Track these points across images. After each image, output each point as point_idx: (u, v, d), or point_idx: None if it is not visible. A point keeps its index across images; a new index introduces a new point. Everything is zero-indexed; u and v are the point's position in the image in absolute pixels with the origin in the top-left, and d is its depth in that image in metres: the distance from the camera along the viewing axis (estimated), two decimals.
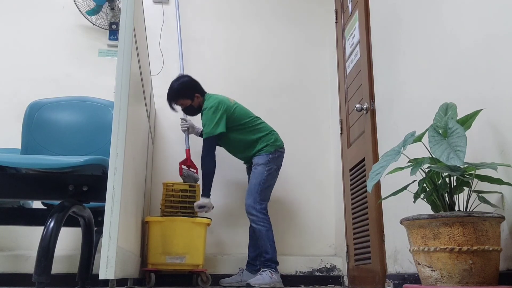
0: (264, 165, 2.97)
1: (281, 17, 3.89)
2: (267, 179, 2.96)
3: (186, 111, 3.16)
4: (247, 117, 3.06)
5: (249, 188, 2.98)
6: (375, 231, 2.47)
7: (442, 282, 1.25)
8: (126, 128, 1.54)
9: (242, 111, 3.08)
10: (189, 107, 3.10)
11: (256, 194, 2.92)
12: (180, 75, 3.17)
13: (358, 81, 2.86)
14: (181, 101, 3.07)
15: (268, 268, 2.85)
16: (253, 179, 2.98)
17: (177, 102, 3.08)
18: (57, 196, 1.76)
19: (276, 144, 3.04)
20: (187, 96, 3.06)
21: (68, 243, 3.02)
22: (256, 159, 3.01)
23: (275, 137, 3.08)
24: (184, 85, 3.07)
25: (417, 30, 2.03)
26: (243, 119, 3.04)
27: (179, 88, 3.06)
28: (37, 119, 2.38)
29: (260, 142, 3.03)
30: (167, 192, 3.01)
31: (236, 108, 3.06)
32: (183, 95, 3.06)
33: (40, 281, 1.49)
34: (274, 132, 3.11)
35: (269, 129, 3.10)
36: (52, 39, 3.61)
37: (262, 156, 3.00)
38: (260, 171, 2.96)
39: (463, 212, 1.25)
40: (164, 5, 3.78)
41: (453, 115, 1.42)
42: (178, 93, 3.05)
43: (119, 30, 1.64)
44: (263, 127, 3.09)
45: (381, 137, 2.42)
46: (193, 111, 3.13)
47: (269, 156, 2.99)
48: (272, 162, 3.00)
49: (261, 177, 2.95)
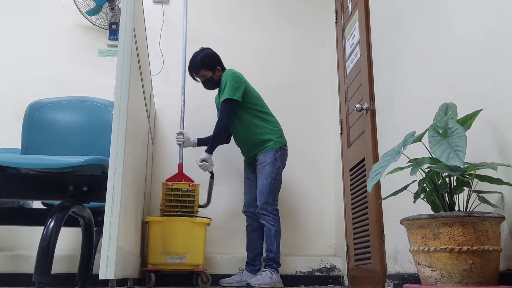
0: (272, 164, 2.96)
1: (281, 17, 3.89)
2: (276, 178, 2.97)
3: (205, 84, 3.15)
4: (261, 102, 3.11)
5: (260, 189, 2.95)
6: (375, 231, 2.47)
7: (442, 282, 1.25)
8: (126, 128, 1.54)
9: (258, 95, 3.13)
10: (209, 80, 3.11)
11: (267, 196, 2.92)
12: (202, 48, 3.18)
13: (358, 81, 2.86)
14: (203, 71, 3.08)
15: (269, 268, 2.85)
16: (262, 180, 2.95)
17: (199, 73, 3.09)
18: (57, 196, 1.76)
19: (281, 141, 3.05)
20: (209, 67, 3.08)
21: (68, 243, 3.02)
22: (262, 157, 2.99)
23: (281, 133, 3.09)
24: (207, 56, 3.09)
25: (417, 30, 2.03)
26: (257, 100, 3.08)
27: (202, 59, 3.07)
28: (37, 119, 2.38)
29: (268, 132, 3.03)
30: (167, 192, 3.01)
31: (253, 90, 3.11)
32: (206, 66, 3.07)
33: (40, 281, 1.49)
34: (280, 127, 3.13)
35: (277, 123, 3.13)
36: (52, 39, 3.61)
37: (269, 154, 2.98)
38: (268, 171, 2.96)
39: (463, 212, 1.25)
40: (164, 5, 3.78)
41: (453, 115, 1.42)
42: (201, 63, 3.06)
43: (119, 30, 1.64)
44: (272, 119, 3.11)
45: (381, 137, 2.42)
46: (212, 84, 3.14)
47: (276, 154, 2.99)
48: (279, 160, 2.99)
49: (270, 177, 2.95)
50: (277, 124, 3.11)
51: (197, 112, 3.56)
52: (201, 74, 3.09)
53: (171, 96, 3.57)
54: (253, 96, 3.07)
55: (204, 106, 3.52)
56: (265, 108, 3.12)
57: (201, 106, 3.54)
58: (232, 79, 2.98)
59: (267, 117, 3.09)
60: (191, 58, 3.12)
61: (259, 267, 3.01)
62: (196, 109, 3.55)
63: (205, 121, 3.45)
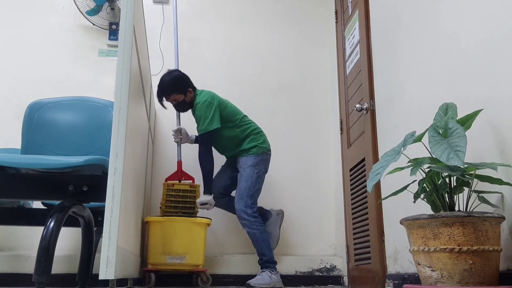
0: (253, 167, 2.92)
1: (281, 17, 3.89)
2: (256, 181, 2.92)
3: (178, 107, 3.04)
4: (238, 115, 3.03)
5: (239, 192, 2.91)
6: (375, 231, 2.47)
7: (442, 282, 1.25)
8: (126, 128, 1.54)
9: (233, 108, 3.03)
10: (182, 103, 2.98)
11: (247, 198, 2.88)
12: (169, 70, 3.02)
13: (358, 81, 2.86)
14: (174, 96, 2.94)
15: (267, 269, 2.85)
16: (242, 182, 2.91)
17: (170, 97, 2.95)
18: (57, 196, 1.76)
19: (264, 146, 3.01)
20: (180, 90, 2.94)
21: (68, 243, 3.02)
22: (244, 160, 2.96)
23: (263, 139, 3.05)
24: (177, 79, 2.94)
25: (417, 30, 2.03)
26: (233, 116, 3.00)
27: (173, 82, 2.92)
28: (37, 119, 2.38)
29: (249, 140, 2.99)
30: (167, 192, 3.01)
31: (227, 104, 3.02)
32: (177, 89, 2.93)
33: (40, 281, 1.49)
34: (262, 132, 3.08)
35: (258, 129, 3.07)
36: (52, 39, 3.61)
37: (250, 158, 2.95)
38: (249, 174, 2.91)
39: (463, 212, 1.25)
40: (164, 5, 3.78)
41: (453, 115, 1.42)
42: (172, 87, 2.92)
43: (119, 30, 1.65)
44: (252, 126, 3.05)
45: (381, 137, 2.42)
46: (185, 106, 3.02)
47: (258, 158, 2.95)
48: (261, 164, 2.96)
49: (251, 180, 2.90)
50: (259, 131, 3.06)
51: None
52: (173, 98, 2.96)
53: None
54: (229, 112, 2.98)
55: None
56: (244, 119, 3.04)
57: None
58: (204, 110, 2.86)
59: (248, 127, 3.02)
60: (159, 83, 2.95)
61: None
62: None
63: None
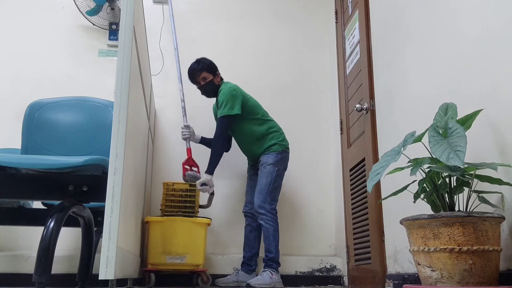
0: (274, 165, 2.97)
1: (281, 17, 3.89)
2: (276, 179, 2.96)
3: (205, 87, 3.13)
4: (260, 110, 3.11)
5: (259, 188, 2.95)
6: (375, 231, 2.47)
7: (442, 282, 1.25)
8: (126, 128, 1.54)
9: (255, 102, 3.13)
10: (210, 83, 3.10)
11: (266, 195, 2.92)
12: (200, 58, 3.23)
13: (358, 81, 2.86)
14: (205, 73, 3.09)
15: (269, 268, 2.86)
16: (262, 179, 2.96)
17: (200, 75, 3.09)
18: (57, 196, 1.76)
19: (284, 144, 3.07)
20: (210, 70, 3.11)
21: (68, 243, 3.02)
22: (265, 158, 3.01)
23: (283, 136, 3.11)
24: (207, 61, 3.14)
25: (417, 29, 2.03)
26: (256, 109, 3.08)
27: (206, 61, 3.12)
28: (37, 119, 2.38)
29: (270, 137, 3.04)
30: (167, 192, 3.01)
31: (251, 98, 3.11)
32: (207, 69, 3.10)
33: (40, 281, 1.49)
34: (282, 130, 3.14)
35: (278, 126, 3.14)
36: (52, 39, 3.61)
37: (271, 155, 2.99)
38: (269, 171, 2.96)
39: (463, 212, 1.25)
40: (164, 5, 3.78)
41: (453, 115, 1.42)
42: (203, 66, 3.09)
43: (119, 30, 1.65)
44: (273, 123, 3.13)
45: (381, 137, 2.42)
46: (211, 87, 3.13)
47: (278, 156, 3.00)
48: (281, 162, 3.00)
49: (271, 177, 2.95)
50: (279, 128, 3.13)
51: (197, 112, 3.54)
52: (203, 76, 3.09)
53: (171, 96, 3.57)
54: (251, 105, 3.08)
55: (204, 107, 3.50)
56: (265, 115, 3.13)
57: (201, 107, 3.51)
58: (229, 95, 2.99)
59: (269, 123, 3.10)
60: (190, 66, 3.14)
61: (255, 267, 3.02)
62: (196, 110, 3.53)
63: (205, 122, 3.44)
